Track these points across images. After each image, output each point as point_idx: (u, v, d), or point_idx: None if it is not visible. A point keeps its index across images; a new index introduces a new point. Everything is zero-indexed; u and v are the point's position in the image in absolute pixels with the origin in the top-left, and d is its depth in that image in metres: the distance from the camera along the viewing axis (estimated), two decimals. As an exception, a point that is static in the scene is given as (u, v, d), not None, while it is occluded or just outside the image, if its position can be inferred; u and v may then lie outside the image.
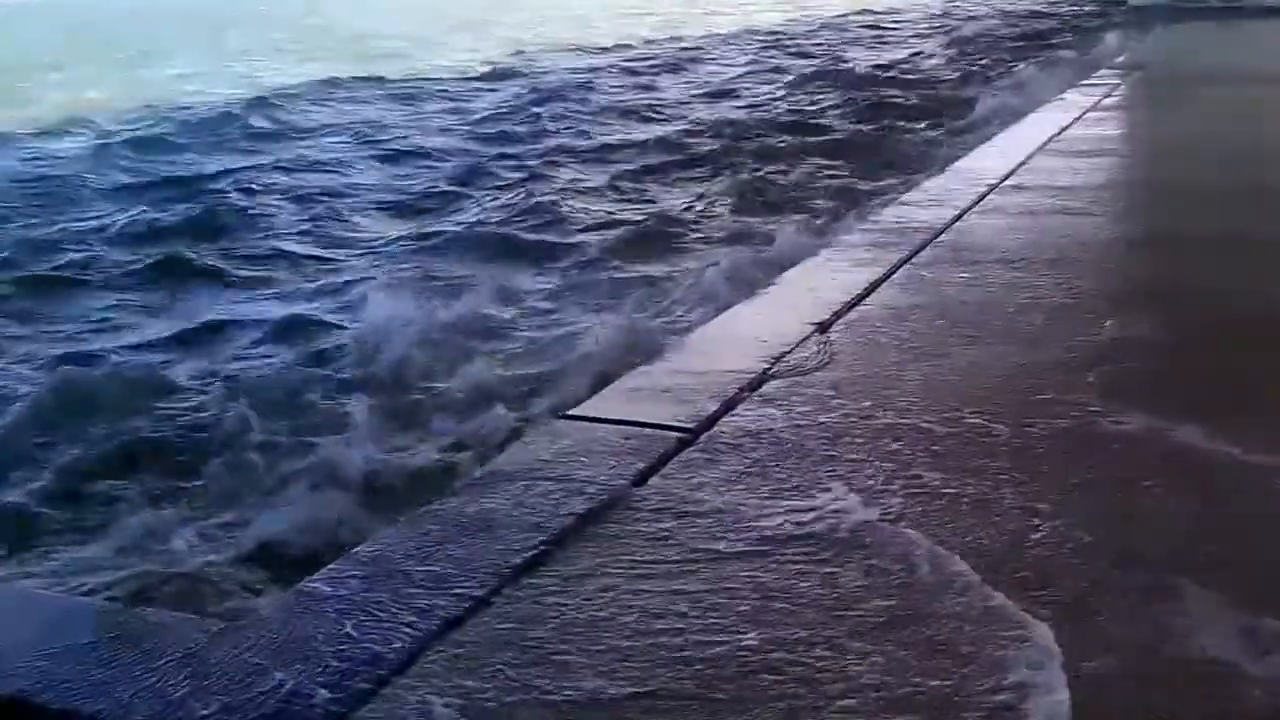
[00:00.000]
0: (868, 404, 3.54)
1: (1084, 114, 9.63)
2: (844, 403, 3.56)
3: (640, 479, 3.08)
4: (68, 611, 2.77)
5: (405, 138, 14.89)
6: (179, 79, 22.36)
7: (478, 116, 16.52)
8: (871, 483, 3.01)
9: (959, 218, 5.83)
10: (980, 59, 19.41)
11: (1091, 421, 3.37)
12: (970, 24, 25.99)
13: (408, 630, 2.40)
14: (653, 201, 10.40)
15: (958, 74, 17.78)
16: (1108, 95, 10.80)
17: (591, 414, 3.51)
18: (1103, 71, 12.94)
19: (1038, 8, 28.30)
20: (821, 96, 16.20)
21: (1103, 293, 4.62)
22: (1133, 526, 2.77)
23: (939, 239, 5.46)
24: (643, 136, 13.86)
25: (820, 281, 4.82)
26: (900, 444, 3.25)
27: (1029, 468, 3.09)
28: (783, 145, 12.66)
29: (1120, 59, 14.30)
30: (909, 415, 3.45)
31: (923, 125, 13.20)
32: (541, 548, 2.72)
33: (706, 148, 12.70)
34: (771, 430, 3.38)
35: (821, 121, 14.26)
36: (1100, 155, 7.72)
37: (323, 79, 20.78)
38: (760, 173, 11.01)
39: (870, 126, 13.43)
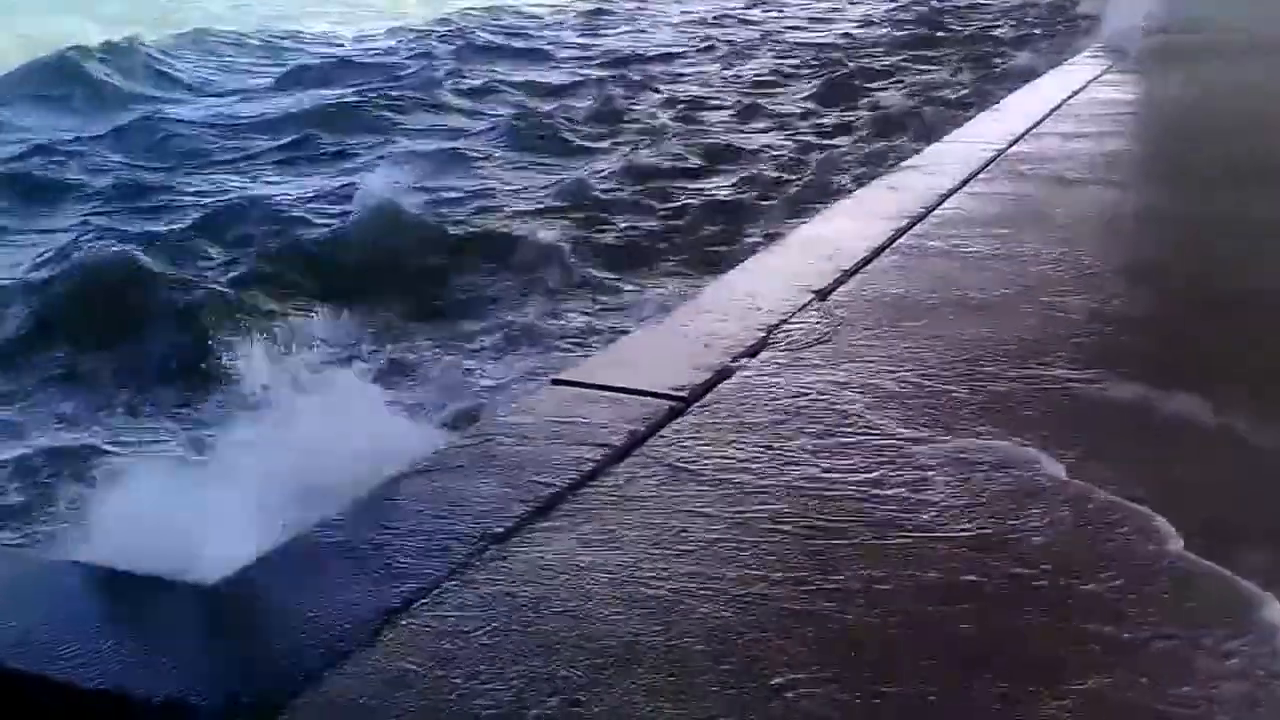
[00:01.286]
0: (866, 374, 3.49)
1: (1098, 77, 9.50)
2: (842, 372, 3.51)
3: (631, 446, 3.05)
4: (51, 574, 2.75)
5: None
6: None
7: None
8: (859, 454, 2.98)
9: (964, 184, 5.76)
10: (995, 18, 19.19)
11: (1088, 387, 3.35)
12: None
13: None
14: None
15: (974, 31, 17.60)
16: (1121, 60, 10.65)
17: (583, 379, 3.48)
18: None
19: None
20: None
21: (1107, 265, 4.56)
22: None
23: (943, 206, 5.39)
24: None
25: (821, 247, 4.76)
26: (895, 415, 3.21)
27: (1031, 430, 3.07)
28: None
29: (1139, 22, 14.09)
30: (906, 385, 3.41)
31: (938, 87, 13.09)
32: (524, 515, 2.70)
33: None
34: (766, 399, 3.34)
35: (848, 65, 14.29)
36: (1111, 122, 7.61)
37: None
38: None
39: (886, 83, 13.36)
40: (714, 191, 8.90)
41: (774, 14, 21.60)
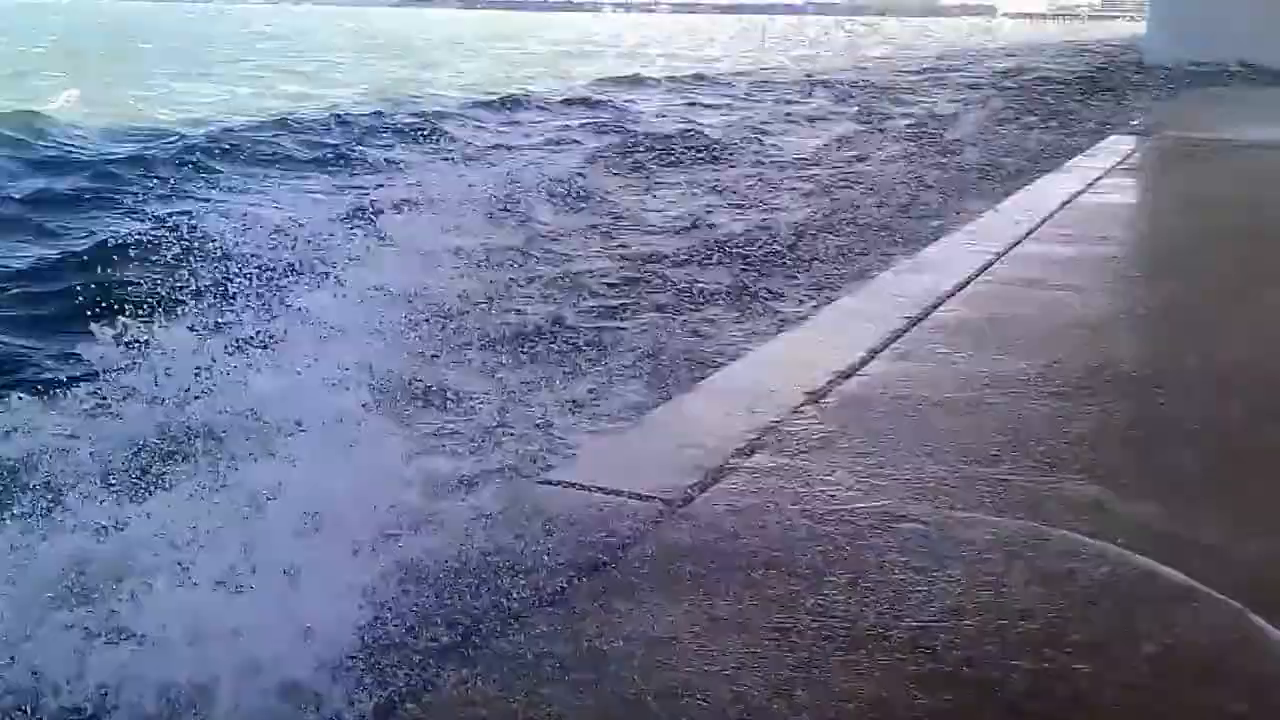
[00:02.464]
0: (855, 484, 3.43)
1: (1096, 181, 9.59)
2: (830, 482, 3.45)
3: (618, 550, 3.00)
4: None
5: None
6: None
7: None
8: (853, 560, 2.93)
9: (961, 287, 5.74)
10: (997, 122, 19.44)
11: (1071, 505, 3.29)
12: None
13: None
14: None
15: (975, 134, 17.77)
16: (1120, 162, 10.77)
17: (570, 479, 3.43)
18: (1115, 137, 12.95)
19: (1050, 71, 28.32)
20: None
21: (1098, 373, 4.50)
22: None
23: (939, 309, 5.37)
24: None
25: (816, 348, 4.74)
26: (886, 532, 3.14)
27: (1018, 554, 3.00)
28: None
29: (1135, 123, 14.32)
30: (902, 489, 3.36)
31: (938, 188, 13.17)
32: (505, 619, 2.65)
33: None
34: (758, 504, 3.29)
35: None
36: (1108, 226, 7.68)
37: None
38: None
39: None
40: (707, 286, 8.86)
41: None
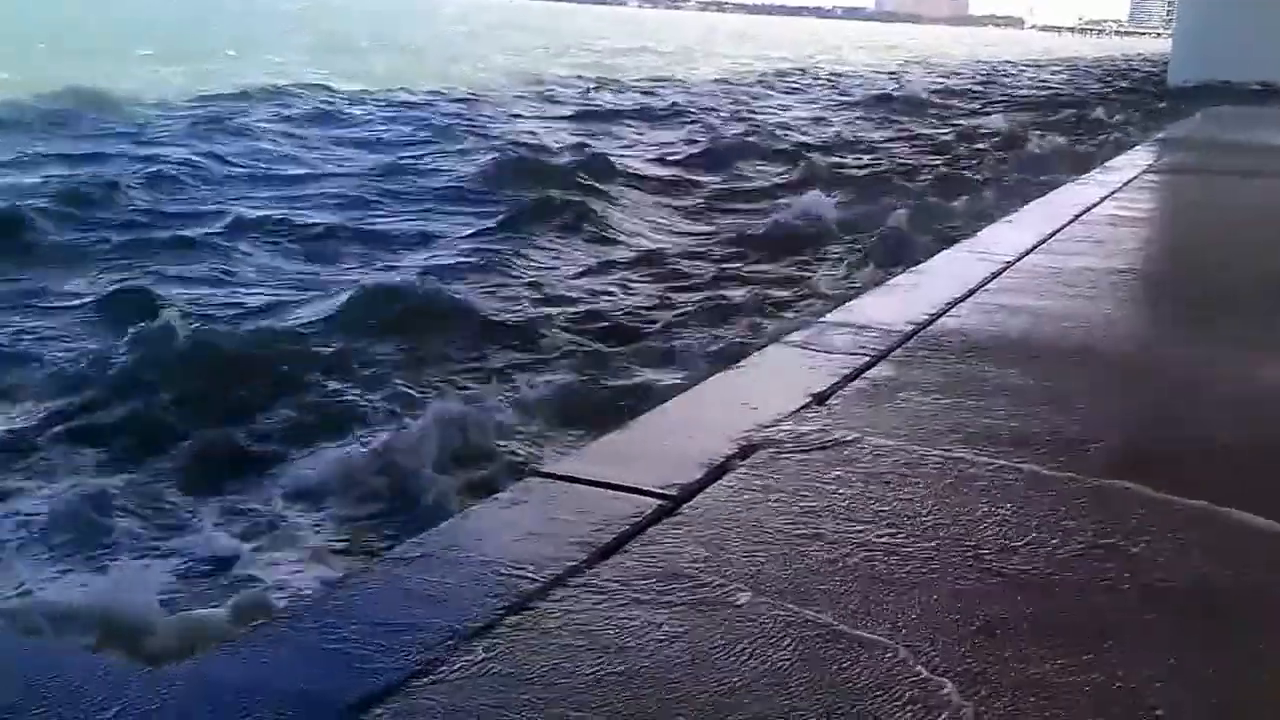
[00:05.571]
0: (859, 484, 3.39)
1: (1113, 193, 9.55)
2: (833, 482, 3.40)
3: (615, 545, 2.95)
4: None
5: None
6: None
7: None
8: (850, 560, 2.88)
9: (971, 294, 5.69)
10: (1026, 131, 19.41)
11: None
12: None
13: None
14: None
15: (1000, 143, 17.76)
16: (1138, 175, 10.72)
17: (570, 473, 3.39)
18: (1136, 152, 12.88)
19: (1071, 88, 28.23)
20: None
21: (1111, 385, 4.47)
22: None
23: (949, 314, 5.33)
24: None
25: (824, 349, 4.70)
26: (889, 528, 3.11)
27: (1030, 563, 2.96)
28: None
29: (1156, 139, 14.26)
30: (903, 498, 3.31)
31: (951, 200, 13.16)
32: (498, 612, 2.60)
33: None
34: (760, 501, 3.24)
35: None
36: (1122, 238, 7.63)
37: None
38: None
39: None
40: (719, 292, 8.84)
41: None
